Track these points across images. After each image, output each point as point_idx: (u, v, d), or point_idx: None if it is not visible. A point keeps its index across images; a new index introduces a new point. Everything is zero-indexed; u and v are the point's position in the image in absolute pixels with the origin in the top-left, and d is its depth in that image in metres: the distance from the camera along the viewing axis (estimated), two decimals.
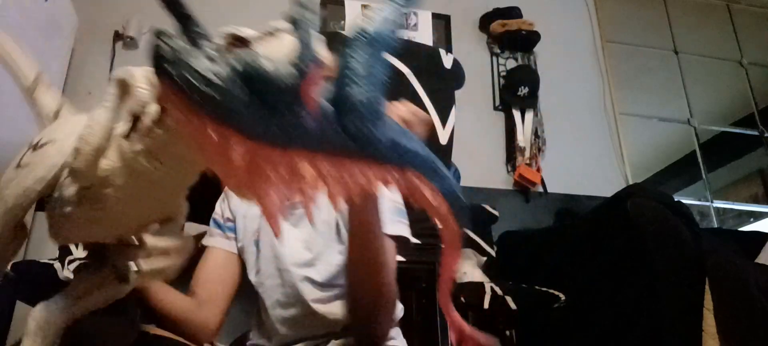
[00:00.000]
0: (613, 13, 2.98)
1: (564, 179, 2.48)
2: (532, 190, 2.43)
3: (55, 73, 1.91)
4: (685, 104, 2.93)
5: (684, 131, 2.89)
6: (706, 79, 3.06)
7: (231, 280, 1.04)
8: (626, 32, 2.98)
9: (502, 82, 2.61)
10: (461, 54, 2.31)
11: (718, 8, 3.27)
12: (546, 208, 2.41)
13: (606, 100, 2.76)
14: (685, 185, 2.95)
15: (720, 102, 3.12)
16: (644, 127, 2.82)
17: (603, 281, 1.52)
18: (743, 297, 1.26)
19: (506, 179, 2.46)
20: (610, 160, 2.64)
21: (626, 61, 2.90)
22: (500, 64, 2.66)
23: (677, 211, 1.41)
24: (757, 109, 3.03)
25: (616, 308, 1.46)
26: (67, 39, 1.97)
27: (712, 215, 2.76)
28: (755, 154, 3.03)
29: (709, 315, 1.28)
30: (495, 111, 2.57)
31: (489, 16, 2.69)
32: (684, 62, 3.03)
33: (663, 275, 1.32)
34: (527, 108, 2.52)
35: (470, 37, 2.69)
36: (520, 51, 2.70)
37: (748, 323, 1.24)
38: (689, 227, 1.41)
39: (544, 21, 2.72)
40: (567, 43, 2.82)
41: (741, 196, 3.04)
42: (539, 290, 1.66)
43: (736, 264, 1.35)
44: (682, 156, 2.91)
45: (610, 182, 2.51)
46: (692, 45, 3.08)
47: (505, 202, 2.35)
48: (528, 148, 2.44)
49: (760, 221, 2.95)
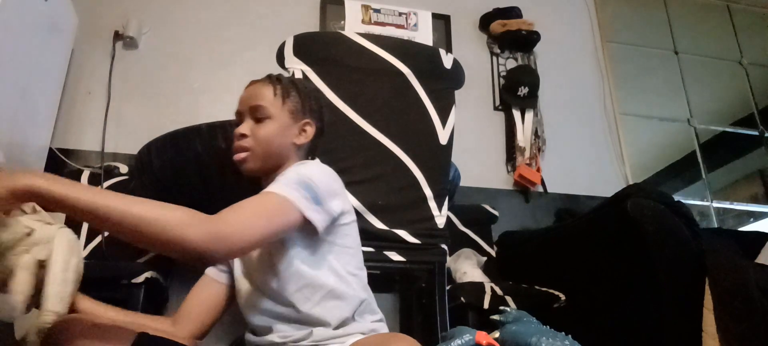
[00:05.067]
0: (613, 13, 2.98)
1: (564, 179, 2.48)
2: (532, 190, 2.43)
3: (55, 73, 1.91)
4: (685, 104, 2.93)
5: (684, 131, 2.89)
6: (706, 79, 3.06)
7: (212, 304, 1.11)
8: (626, 32, 2.98)
9: (502, 82, 2.61)
10: (461, 54, 2.31)
11: (718, 8, 3.27)
12: (546, 208, 2.41)
13: (606, 100, 2.76)
14: (685, 184, 2.95)
15: (720, 102, 3.12)
16: (644, 127, 2.82)
17: (603, 281, 1.52)
18: (743, 297, 1.26)
19: (506, 179, 2.46)
20: (610, 160, 2.64)
21: (626, 61, 2.90)
22: (500, 64, 2.66)
23: (677, 211, 1.41)
24: (757, 109, 3.03)
25: (616, 308, 1.46)
26: (67, 39, 1.97)
27: (712, 215, 2.76)
28: (755, 154, 3.03)
29: (709, 315, 1.28)
30: (495, 111, 2.57)
31: (489, 16, 2.69)
32: (684, 62, 3.03)
33: (663, 275, 1.32)
34: (527, 108, 2.52)
35: (470, 37, 2.69)
36: (520, 51, 2.70)
37: (748, 323, 1.24)
38: (689, 227, 1.41)
39: (544, 21, 2.72)
40: (567, 43, 2.82)
41: (741, 196, 3.04)
42: (539, 290, 1.66)
43: (736, 264, 1.35)
44: (682, 156, 2.91)
45: (610, 182, 2.51)
46: (692, 45, 3.08)
47: (505, 202, 2.35)
48: (528, 148, 2.44)
49: (760, 221, 2.95)
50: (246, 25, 2.39)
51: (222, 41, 2.34)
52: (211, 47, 2.32)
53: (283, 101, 1.11)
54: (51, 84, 1.89)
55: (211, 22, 2.37)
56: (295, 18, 2.44)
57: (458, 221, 2.06)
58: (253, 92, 1.11)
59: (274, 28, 2.33)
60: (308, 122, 1.14)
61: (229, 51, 2.33)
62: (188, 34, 2.32)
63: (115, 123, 2.09)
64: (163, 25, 2.30)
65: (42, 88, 1.78)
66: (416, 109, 1.47)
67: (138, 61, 2.23)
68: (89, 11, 2.14)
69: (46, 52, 1.79)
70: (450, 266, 1.88)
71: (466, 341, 0.82)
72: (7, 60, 1.49)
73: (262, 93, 1.10)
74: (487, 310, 1.56)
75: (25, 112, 1.65)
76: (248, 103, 1.10)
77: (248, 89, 1.14)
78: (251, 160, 1.08)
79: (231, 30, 2.37)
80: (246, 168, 1.09)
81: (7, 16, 1.45)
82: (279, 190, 0.91)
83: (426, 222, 1.38)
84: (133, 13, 2.24)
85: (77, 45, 2.07)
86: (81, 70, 2.13)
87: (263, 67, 2.23)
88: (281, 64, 1.47)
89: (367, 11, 2.54)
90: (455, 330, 0.87)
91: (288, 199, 0.90)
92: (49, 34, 1.79)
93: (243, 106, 1.11)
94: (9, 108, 1.54)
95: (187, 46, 2.30)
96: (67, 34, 1.96)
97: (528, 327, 0.89)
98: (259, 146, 1.07)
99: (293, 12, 2.47)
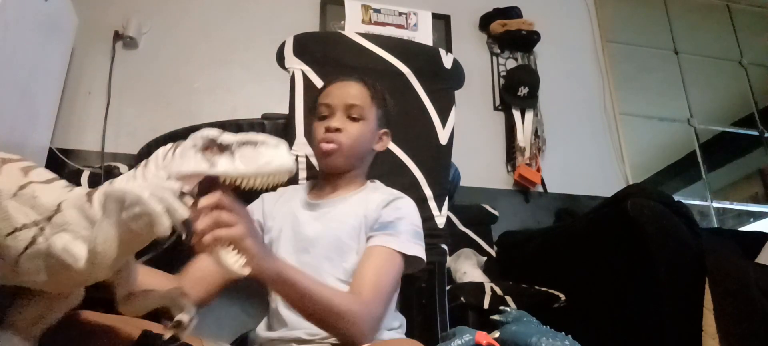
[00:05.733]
0: (613, 13, 2.98)
1: (564, 179, 2.48)
2: (532, 190, 2.43)
3: (55, 73, 1.91)
4: (685, 104, 2.93)
5: (684, 131, 2.89)
6: (706, 79, 3.06)
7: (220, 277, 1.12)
8: (626, 32, 2.98)
9: (502, 82, 2.61)
10: (461, 54, 2.31)
11: (718, 8, 3.27)
12: (546, 208, 2.41)
13: (606, 100, 2.76)
14: (685, 184, 2.95)
15: (720, 102, 3.12)
16: (644, 128, 2.82)
17: (603, 281, 1.52)
18: (743, 297, 1.26)
19: (506, 178, 2.46)
20: (610, 160, 2.64)
21: (626, 61, 2.90)
22: (500, 64, 2.66)
23: (677, 211, 1.41)
24: (757, 109, 3.03)
25: (616, 308, 1.46)
26: (67, 39, 1.97)
27: (712, 215, 2.76)
28: (755, 154, 3.03)
29: (709, 315, 1.28)
30: (495, 111, 2.57)
31: (489, 16, 2.69)
32: (684, 62, 3.03)
33: (663, 275, 1.32)
34: (527, 108, 2.52)
35: (470, 37, 2.69)
36: (520, 51, 2.70)
37: (748, 323, 1.24)
38: (689, 227, 1.41)
39: (544, 21, 2.72)
40: (567, 43, 2.82)
41: (741, 196, 3.04)
42: (539, 290, 1.66)
43: (736, 264, 1.35)
44: (682, 156, 2.91)
45: (610, 182, 2.51)
46: (692, 45, 3.08)
47: (505, 202, 2.35)
48: (528, 148, 2.44)
49: (760, 221, 2.95)
50: (246, 25, 2.39)
51: (222, 41, 2.34)
52: (211, 47, 2.32)
53: (376, 107, 1.14)
54: (51, 84, 1.89)
55: (211, 22, 2.37)
56: (295, 18, 2.44)
57: (458, 221, 2.06)
58: (349, 90, 1.13)
59: (274, 28, 2.33)
60: (386, 132, 1.19)
61: (229, 51, 2.33)
62: (188, 35, 2.32)
63: (115, 123, 2.09)
64: (163, 25, 2.30)
65: (42, 88, 1.78)
66: (416, 109, 1.47)
67: (138, 61, 2.23)
68: (89, 11, 2.15)
69: (46, 52, 1.79)
70: (450, 266, 1.88)
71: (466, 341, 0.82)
72: (7, 60, 1.49)
73: (359, 93, 1.13)
74: (487, 310, 1.56)
75: (25, 112, 1.65)
76: (344, 99, 1.11)
77: (341, 87, 1.14)
78: (338, 156, 1.09)
79: (231, 30, 2.37)
80: (329, 163, 1.11)
81: (7, 16, 1.45)
82: (407, 249, 0.99)
83: (426, 222, 1.38)
84: (133, 13, 2.24)
85: (77, 45, 2.07)
86: (81, 70, 2.13)
87: (263, 67, 2.25)
88: (281, 64, 1.47)
89: (367, 11, 2.54)
90: (455, 330, 0.88)
91: (418, 257, 1.01)
92: (49, 34, 1.79)
93: (336, 102, 1.12)
94: (9, 108, 1.54)
95: (187, 46, 2.30)
96: (67, 34, 1.96)
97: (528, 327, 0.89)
98: (349, 144, 1.09)
99: (293, 12, 2.47)
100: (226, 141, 0.59)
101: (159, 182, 0.58)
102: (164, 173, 0.59)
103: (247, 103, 2.20)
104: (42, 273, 0.59)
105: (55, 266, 0.58)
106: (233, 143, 0.59)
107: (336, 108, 1.11)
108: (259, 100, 2.15)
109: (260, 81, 2.26)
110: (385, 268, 0.97)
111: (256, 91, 2.26)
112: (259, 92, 2.24)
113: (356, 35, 1.53)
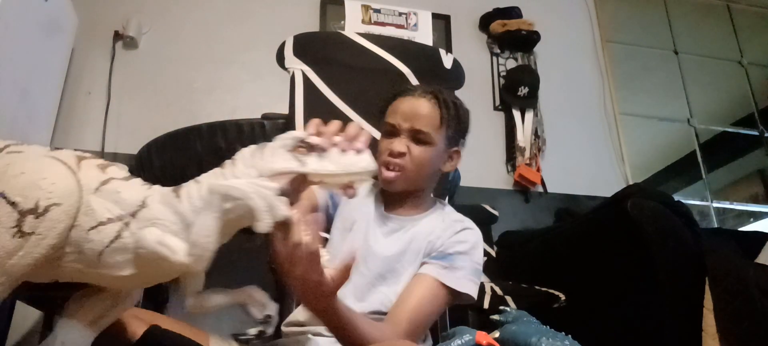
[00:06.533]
0: (613, 13, 2.98)
1: (564, 179, 2.48)
2: (532, 190, 2.43)
3: (55, 73, 1.91)
4: (685, 104, 2.93)
5: (684, 131, 2.89)
6: (706, 79, 3.06)
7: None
8: (626, 32, 2.98)
9: (502, 82, 2.61)
10: (461, 54, 2.31)
11: (718, 8, 3.27)
12: (546, 208, 2.41)
13: (606, 100, 2.76)
14: (685, 184, 2.95)
15: (720, 102, 3.12)
16: (644, 127, 2.82)
17: (603, 281, 1.52)
18: (743, 297, 1.26)
19: (506, 178, 2.46)
20: (610, 160, 2.64)
21: (626, 61, 2.90)
22: (500, 64, 2.66)
23: (677, 211, 1.41)
24: (757, 109, 3.03)
25: (617, 308, 1.46)
26: (67, 39, 1.97)
27: (712, 215, 2.76)
28: (755, 154, 3.03)
29: (709, 315, 1.28)
30: (495, 111, 2.57)
31: (489, 16, 2.69)
32: (684, 62, 3.03)
33: (663, 275, 1.32)
34: (527, 108, 2.52)
35: (470, 37, 2.69)
36: (520, 51, 2.70)
37: (748, 323, 1.24)
38: (689, 227, 1.41)
39: (544, 21, 2.72)
40: (567, 43, 2.82)
41: (741, 196, 3.04)
42: (539, 290, 1.66)
43: (736, 264, 1.35)
44: (682, 156, 2.91)
45: (610, 182, 2.51)
46: (692, 45, 3.08)
47: (505, 202, 2.35)
48: (528, 148, 2.44)
49: (760, 221, 2.95)
50: (246, 25, 2.39)
51: (222, 41, 2.34)
52: (211, 47, 2.32)
53: (446, 128, 1.05)
54: (51, 84, 1.89)
55: (211, 22, 2.37)
56: (295, 18, 2.44)
57: None
58: (418, 111, 1.02)
59: (274, 28, 2.33)
60: (457, 150, 1.11)
61: (229, 51, 2.33)
62: (188, 34, 2.32)
63: (115, 123, 2.09)
64: (163, 25, 2.30)
65: (42, 88, 1.79)
66: None
67: (138, 61, 2.23)
68: (89, 11, 2.15)
69: (46, 52, 1.79)
70: None
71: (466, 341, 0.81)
72: (7, 60, 1.49)
73: (429, 115, 1.02)
74: (487, 310, 1.56)
75: (25, 112, 1.65)
76: (412, 122, 1.01)
77: (412, 103, 1.04)
78: (401, 182, 1.02)
79: (231, 30, 2.37)
80: (392, 188, 1.04)
81: (7, 16, 1.45)
82: (461, 287, 0.95)
83: None
84: (133, 13, 2.24)
85: (77, 45, 2.07)
86: (81, 70, 2.13)
87: (263, 68, 2.25)
88: (281, 64, 1.48)
89: (367, 11, 2.55)
90: (455, 330, 0.87)
91: (471, 295, 0.97)
92: (49, 34, 1.79)
93: (403, 122, 1.02)
94: (9, 108, 1.54)
95: (187, 46, 2.30)
96: (67, 34, 1.96)
97: (528, 327, 0.89)
98: (414, 169, 1.01)
99: (293, 12, 2.47)
100: (315, 142, 0.62)
101: (255, 180, 0.59)
102: (254, 172, 0.60)
103: (247, 103, 2.20)
104: (128, 267, 0.59)
105: (147, 259, 0.58)
106: (322, 143, 0.62)
107: (401, 129, 1.02)
108: (259, 100, 2.15)
109: (260, 81, 2.26)
110: (428, 299, 0.93)
111: (256, 91, 2.26)
112: (259, 92, 2.24)
113: (356, 35, 1.53)
